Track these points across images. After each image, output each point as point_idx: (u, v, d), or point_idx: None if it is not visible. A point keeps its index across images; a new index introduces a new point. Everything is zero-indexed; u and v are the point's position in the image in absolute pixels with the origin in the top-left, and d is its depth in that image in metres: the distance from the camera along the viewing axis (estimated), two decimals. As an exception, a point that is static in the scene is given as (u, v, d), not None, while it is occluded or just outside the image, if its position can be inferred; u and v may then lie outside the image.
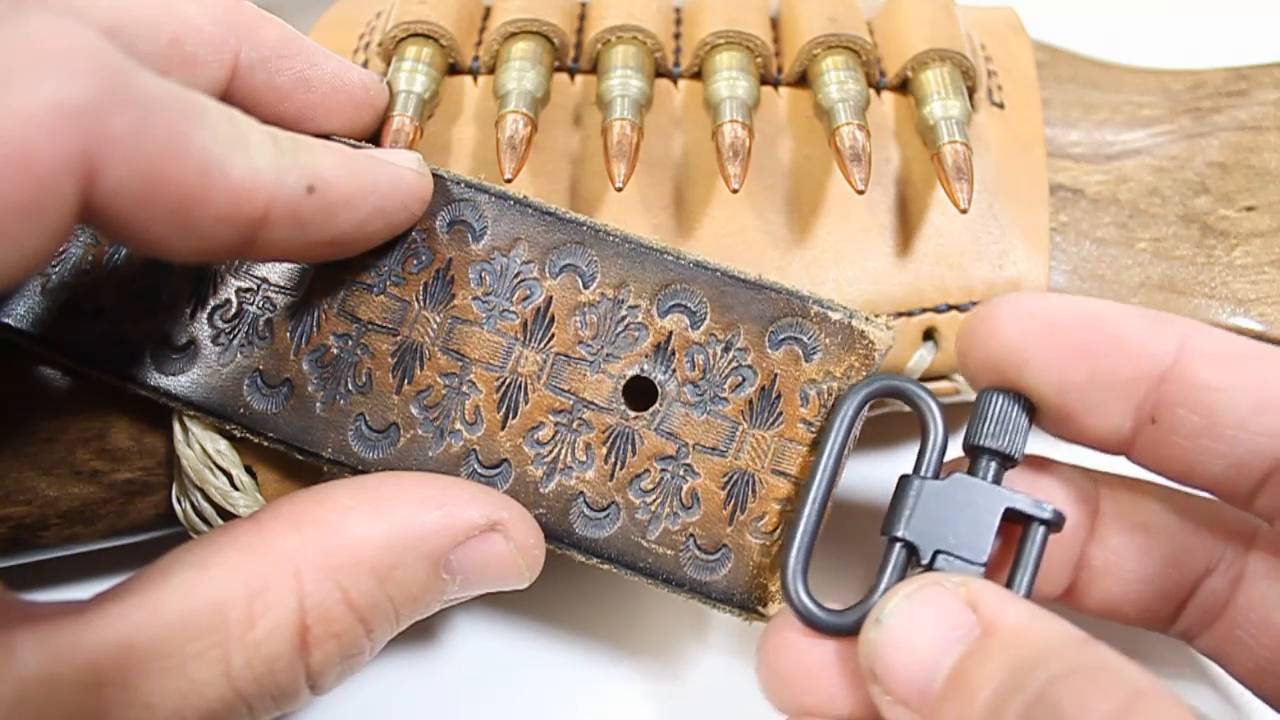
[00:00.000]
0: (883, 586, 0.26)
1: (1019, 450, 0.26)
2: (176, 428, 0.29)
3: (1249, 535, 0.28)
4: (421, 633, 0.34)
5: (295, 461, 0.29)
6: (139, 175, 0.20)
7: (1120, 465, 0.27)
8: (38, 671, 0.23)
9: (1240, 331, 0.33)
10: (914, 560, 0.26)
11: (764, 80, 0.33)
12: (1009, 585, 0.26)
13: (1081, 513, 0.28)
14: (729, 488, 0.27)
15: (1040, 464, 0.28)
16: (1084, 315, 0.26)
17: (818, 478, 0.27)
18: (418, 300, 0.28)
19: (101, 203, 0.20)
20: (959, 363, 0.27)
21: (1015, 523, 0.26)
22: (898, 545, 0.26)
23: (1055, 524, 0.26)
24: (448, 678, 0.34)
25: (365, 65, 0.33)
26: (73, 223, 0.20)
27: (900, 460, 0.36)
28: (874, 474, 0.34)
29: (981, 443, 0.26)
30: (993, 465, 0.27)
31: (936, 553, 0.26)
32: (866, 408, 0.27)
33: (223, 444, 0.29)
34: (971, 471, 0.27)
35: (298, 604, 0.25)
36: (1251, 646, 0.27)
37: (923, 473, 0.27)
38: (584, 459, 0.28)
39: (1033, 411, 0.27)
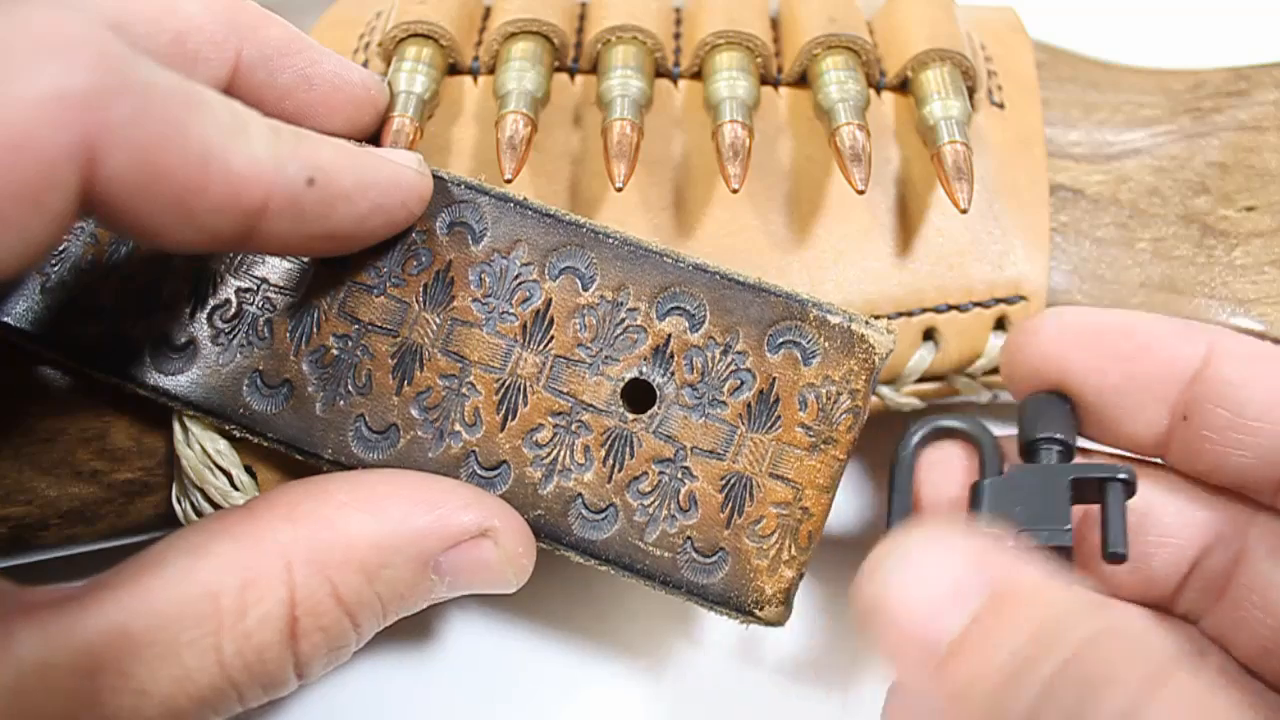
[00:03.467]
0: None
1: (1073, 439, 0.28)
2: (176, 428, 0.29)
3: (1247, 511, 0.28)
4: (417, 629, 0.34)
5: (295, 462, 0.29)
6: (139, 164, 0.20)
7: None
8: (35, 658, 0.23)
9: (1240, 331, 0.33)
10: None
11: (764, 80, 0.33)
12: (1104, 547, 0.26)
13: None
14: (727, 491, 0.27)
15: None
16: (1120, 324, 0.28)
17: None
18: (417, 302, 0.28)
19: (102, 191, 0.20)
20: (1004, 375, 0.30)
21: (1088, 500, 0.27)
22: None
23: (1130, 482, 0.27)
24: (442, 674, 0.34)
25: (365, 65, 0.33)
26: (74, 212, 0.20)
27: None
28: (876, 474, 0.34)
29: (1037, 435, 0.28)
30: (1054, 451, 0.27)
31: (1020, 532, 0.26)
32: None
33: (223, 444, 0.29)
34: (1031, 461, 0.28)
35: (287, 595, 0.25)
36: (1254, 628, 0.28)
37: (986, 476, 0.28)
38: (583, 461, 0.28)
39: (1075, 411, 0.28)
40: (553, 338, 0.28)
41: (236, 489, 0.29)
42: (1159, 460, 0.29)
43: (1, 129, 0.19)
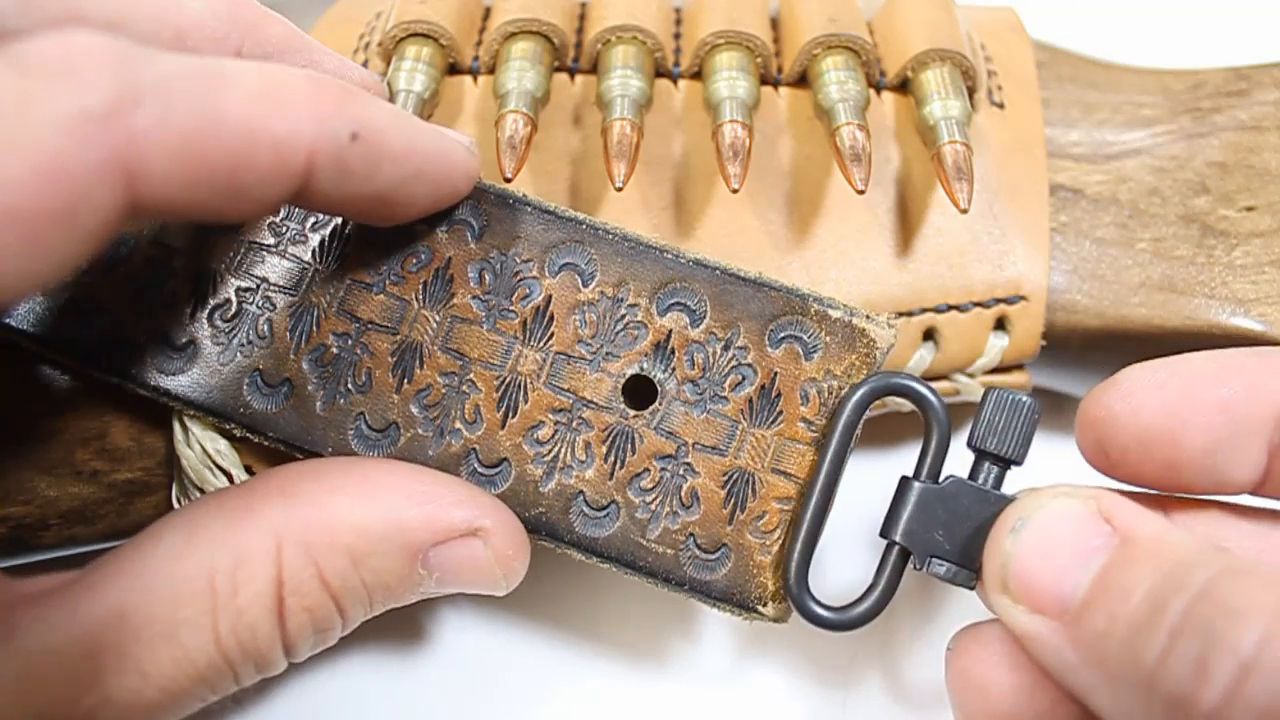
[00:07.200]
0: (879, 589, 0.26)
1: (1022, 454, 0.26)
2: (176, 428, 0.29)
3: None
4: (409, 626, 0.34)
5: (295, 461, 0.28)
6: (180, 158, 0.20)
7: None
8: (39, 646, 0.24)
9: (1240, 332, 0.33)
10: (911, 563, 0.26)
11: (764, 80, 0.33)
12: None
13: None
14: (729, 487, 0.27)
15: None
16: (1213, 369, 0.26)
17: (820, 478, 0.27)
18: (417, 299, 0.28)
19: (150, 194, 0.20)
20: (1091, 452, 0.27)
21: None
22: (895, 548, 0.26)
23: None
24: (439, 672, 0.34)
25: (365, 65, 0.33)
26: (116, 222, 0.20)
27: (901, 459, 0.36)
28: (875, 471, 0.34)
29: (982, 445, 0.26)
30: (994, 470, 0.26)
31: (930, 558, 0.26)
32: (869, 406, 0.27)
33: (223, 444, 0.29)
34: (972, 475, 0.27)
35: (276, 574, 0.25)
36: None
37: (923, 476, 0.27)
38: (584, 458, 0.28)
39: (1038, 414, 0.26)
40: (553, 334, 0.28)
41: (236, 488, 0.29)
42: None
43: (30, 155, 0.19)
